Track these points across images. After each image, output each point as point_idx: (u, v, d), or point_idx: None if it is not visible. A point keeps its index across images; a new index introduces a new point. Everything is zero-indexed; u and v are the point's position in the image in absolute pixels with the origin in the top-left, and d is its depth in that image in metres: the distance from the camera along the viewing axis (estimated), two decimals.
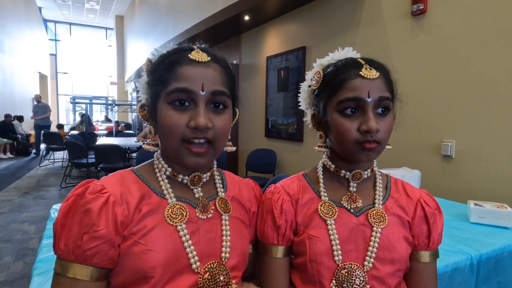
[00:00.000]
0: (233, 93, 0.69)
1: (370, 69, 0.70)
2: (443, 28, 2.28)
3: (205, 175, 0.70)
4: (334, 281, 0.70)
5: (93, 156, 4.98)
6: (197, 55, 0.63)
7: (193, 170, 0.69)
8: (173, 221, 0.63)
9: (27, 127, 10.73)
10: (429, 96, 2.39)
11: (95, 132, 9.31)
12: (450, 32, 2.25)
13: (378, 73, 0.69)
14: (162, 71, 0.63)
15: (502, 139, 2.00)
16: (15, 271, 2.61)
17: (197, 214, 0.67)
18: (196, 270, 0.63)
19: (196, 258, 0.63)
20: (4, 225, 3.62)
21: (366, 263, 0.71)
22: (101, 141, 6.54)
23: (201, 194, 0.70)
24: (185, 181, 0.68)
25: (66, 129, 10.94)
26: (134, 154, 6.47)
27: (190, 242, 0.63)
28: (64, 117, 18.01)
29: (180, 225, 0.64)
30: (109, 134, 8.81)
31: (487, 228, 1.52)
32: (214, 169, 0.74)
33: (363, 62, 0.71)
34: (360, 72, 0.69)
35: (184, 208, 0.66)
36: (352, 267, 0.70)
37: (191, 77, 0.61)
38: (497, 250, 1.31)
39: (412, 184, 0.84)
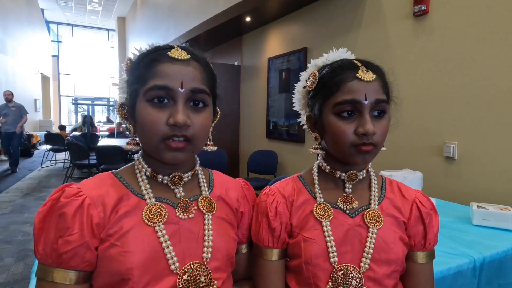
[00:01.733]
0: (214, 92, 0.68)
1: (367, 71, 0.69)
2: (445, 29, 2.27)
3: (186, 175, 0.69)
4: (330, 284, 0.69)
5: (95, 157, 4.98)
6: (177, 53, 0.62)
7: (173, 169, 0.68)
8: (151, 222, 0.62)
9: (29, 128, 10.75)
10: (431, 97, 2.37)
11: (97, 133, 9.30)
12: (452, 33, 2.23)
13: (374, 75, 0.69)
14: (141, 68, 0.63)
15: (505, 140, 1.98)
16: (16, 272, 2.61)
17: (178, 214, 0.66)
18: (175, 271, 0.62)
19: (175, 259, 0.62)
20: (5, 226, 3.62)
21: (362, 264, 0.70)
22: (103, 142, 6.55)
23: (183, 194, 0.69)
24: (165, 181, 0.67)
25: (68, 130, 10.96)
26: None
27: (168, 243, 0.62)
28: (66, 118, 18.06)
29: (159, 226, 0.63)
30: (111, 135, 8.83)
31: (490, 230, 1.51)
32: (197, 168, 0.73)
33: (359, 64, 0.71)
34: (357, 74, 0.68)
35: (163, 208, 0.65)
36: (348, 268, 0.70)
37: (170, 74, 0.60)
38: (500, 253, 1.29)
39: (414, 186, 0.84)
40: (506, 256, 1.31)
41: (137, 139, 0.67)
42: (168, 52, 0.62)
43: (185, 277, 0.62)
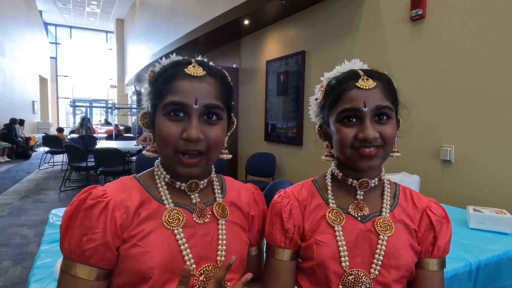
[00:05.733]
0: (229, 105, 0.72)
1: (367, 79, 0.71)
2: (442, 33, 2.29)
3: (202, 182, 0.73)
4: (340, 286, 0.72)
5: (93, 159, 4.98)
6: (193, 69, 0.66)
7: (189, 178, 0.71)
8: (170, 226, 0.67)
9: (27, 131, 10.72)
10: (428, 101, 2.39)
11: (95, 135, 9.28)
12: (448, 37, 2.25)
13: (375, 83, 0.71)
14: (160, 84, 0.67)
15: (501, 143, 2.00)
16: (13, 275, 2.60)
17: (194, 219, 0.70)
18: (192, 272, 0.66)
19: (192, 261, 0.66)
20: (3, 229, 3.61)
21: (372, 270, 0.72)
22: (101, 144, 6.54)
23: (198, 199, 0.73)
24: (183, 187, 0.71)
25: (66, 132, 10.95)
26: (134, 158, 6.47)
27: (186, 245, 0.67)
28: (64, 120, 18.02)
29: (177, 229, 0.67)
30: (109, 137, 8.82)
31: (486, 234, 1.52)
32: (212, 175, 0.77)
33: (361, 73, 0.73)
34: (357, 83, 0.71)
35: (181, 213, 0.69)
36: (359, 274, 0.72)
37: (185, 91, 0.64)
38: (496, 257, 1.30)
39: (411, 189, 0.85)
40: (502, 260, 1.32)
41: (155, 147, 0.72)
42: (185, 69, 0.66)
43: (201, 278, 0.67)
